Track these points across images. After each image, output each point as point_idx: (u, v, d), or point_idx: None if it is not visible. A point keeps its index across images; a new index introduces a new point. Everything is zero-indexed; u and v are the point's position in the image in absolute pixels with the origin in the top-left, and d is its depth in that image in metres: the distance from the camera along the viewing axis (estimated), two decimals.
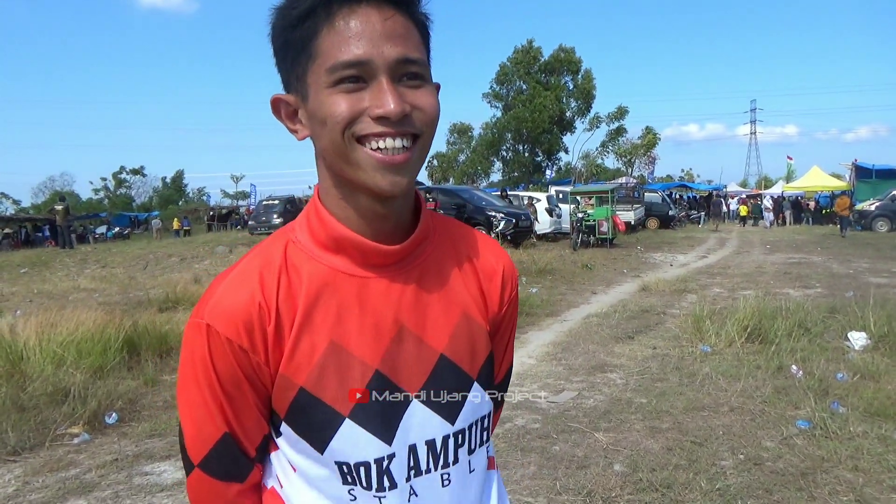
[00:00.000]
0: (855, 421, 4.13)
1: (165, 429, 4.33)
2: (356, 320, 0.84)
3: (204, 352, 0.80)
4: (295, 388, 0.83)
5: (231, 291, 0.82)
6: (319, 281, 0.84)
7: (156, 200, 73.73)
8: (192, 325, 0.82)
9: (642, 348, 6.36)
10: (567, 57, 43.18)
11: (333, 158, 0.81)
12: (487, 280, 0.97)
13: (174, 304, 9.10)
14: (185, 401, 0.84)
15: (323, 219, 0.86)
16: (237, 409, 0.83)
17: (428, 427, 0.89)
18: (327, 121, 0.77)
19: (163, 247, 21.41)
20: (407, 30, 0.79)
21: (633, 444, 3.92)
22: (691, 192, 44.45)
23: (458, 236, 0.98)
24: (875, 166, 31.14)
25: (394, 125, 0.77)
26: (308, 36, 0.78)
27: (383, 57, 0.76)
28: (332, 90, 0.77)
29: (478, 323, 0.93)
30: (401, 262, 0.88)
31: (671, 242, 21.17)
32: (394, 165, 0.78)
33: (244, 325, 0.80)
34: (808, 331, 6.49)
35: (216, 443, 0.84)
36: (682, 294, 9.94)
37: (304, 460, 0.86)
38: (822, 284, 10.75)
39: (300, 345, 0.82)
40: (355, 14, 0.76)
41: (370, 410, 0.85)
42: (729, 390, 4.86)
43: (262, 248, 0.87)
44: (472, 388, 0.92)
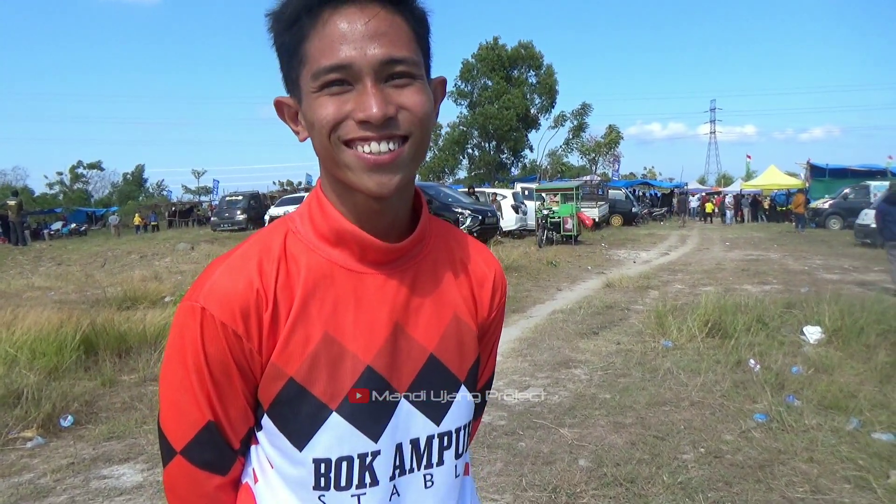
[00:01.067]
0: (809, 413, 4.25)
1: (124, 431, 4.22)
2: (351, 315, 0.84)
3: (195, 335, 0.79)
4: (285, 377, 0.82)
5: (229, 276, 0.81)
6: (317, 273, 0.84)
7: (115, 196, 71.93)
8: (185, 307, 0.81)
9: (606, 344, 6.45)
10: (528, 52, 43.44)
11: (324, 160, 0.81)
12: (479, 285, 0.98)
13: (134, 302, 8.88)
14: (170, 384, 0.82)
15: (326, 211, 0.86)
16: (224, 397, 0.82)
17: (413, 426, 0.89)
18: (315, 125, 0.78)
19: (122, 244, 20.92)
20: (394, 27, 0.77)
21: (597, 440, 3.97)
22: (654, 189, 45.21)
23: (454, 240, 0.99)
24: (829, 165, 32.12)
25: (377, 129, 0.76)
26: (297, 40, 0.78)
27: (366, 59, 0.75)
28: (319, 94, 0.77)
29: (468, 326, 0.94)
30: (398, 260, 0.88)
31: (634, 239, 21.50)
32: (380, 166, 0.77)
33: (240, 311, 0.79)
34: (765, 325, 6.65)
35: (200, 430, 0.82)
36: (645, 290, 10.10)
37: (280, 458, 0.85)
38: (778, 280, 11.04)
39: (295, 335, 0.81)
40: (339, 15, 0.76)
41: (359, 406, 0.84)
42: (690, 385, 4.95)
43: (262, 237, 0.86)
44: (459, 389, 0.93)
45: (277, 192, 46.59)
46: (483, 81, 43.86)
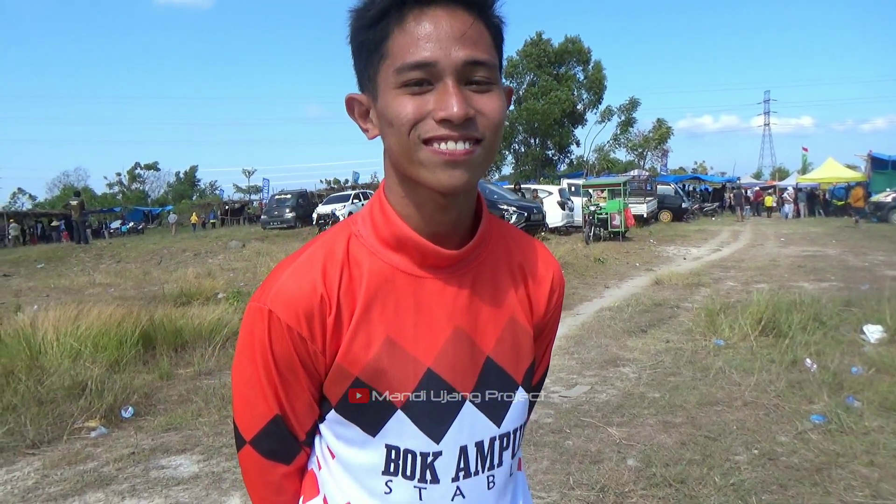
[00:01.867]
0: (870, 415, 4.10)
1: (181, 423, 4.37)
2: (412, 318, 0.87)
3: (263, 335, 0.84)
4: (350, 377, 0.85)
5: (294, 280, 0.84)
6: (379, 277, 0.86)
7: (170, 195, 74.21)
8: (254, 308, 0.85)
9: (655, 342, 6.34)
10: (576, 47, 42.90)
11: (399, 157, 0.82)
12: (536, 286, 0.99)
13: (188, 298, 9.17)
14: (241, 379, 0.88)
15: (388, 216, 0.88)
16: (290, 393, 0.87)
17: (477, 429, 0.91)
18: (394, 122, 0.79)
19: (176, 242, 21.58)
20: (477, 32, 0.79)
21: (646, 439, 3.92)
22: (705, 184, 44.11)
23: (513, 241, 1.00)
24: (891, 157, 30.71)
25: (456, 128, 0.77)
26: (381, 37, 0.79)
27: (450, 59, 0.76)
28: (399, 91, 0.78)
29: (524, 327, 0.96)
30: (457, 264, 0.90)
31: (684, 235, 21.04)
32: (454, 161, 0.78)
33: (305, 314, 0.83)
34: (822, 324, 6.43)
35: (268, 423, 0.88)
36: (696, 287, 9.89)
37: (346, 448, 0.89)
38: (837, 277, 10.65)
39: (357, 337, 0.85)
40: (425, 16, 0.78)
41: (422, 407, 0.87)
42: (742, 384, 4.83)
43: (327, 240, 0.89)
44: (517, 391, 0.95)
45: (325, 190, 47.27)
46: (529, 77, 43.56)
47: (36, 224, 38.84)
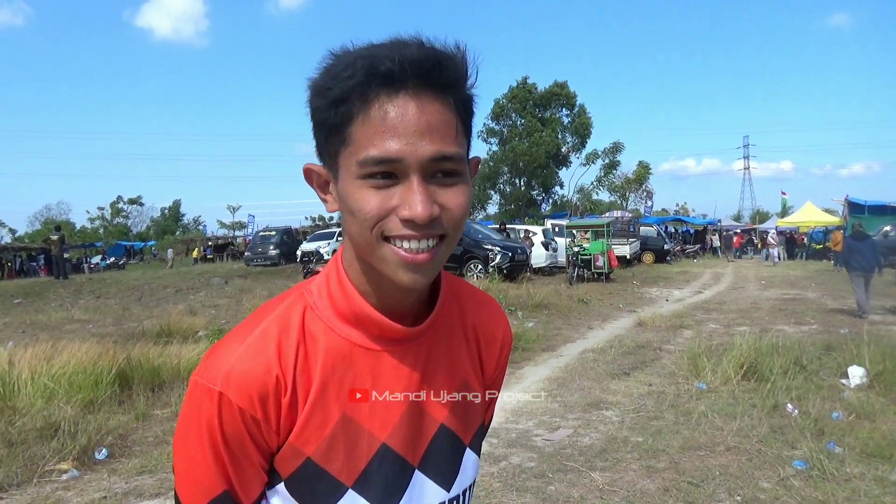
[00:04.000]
0: (851, 462, 4.10)
1: (156, 465, 4.27)
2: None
3: (212, 416, 0.79)
4: (302, 457, 0.83)
5: (248, 360, 0.80)
6: (336, 353, 0.84)
7: (153, 230, 73.77)
8: (202, 388, 0.80)
9: (638, 385, 6.34)
10: (563, 92, 43.78)
11: (359, 246, 0.80)
12: (487, 346, 0.99)
13: (169, 335, 9.05)
14: (186, 456, 0.83)
15: (346, 291, 0.85)
16: (239, 469, 0.83)
17: (427, 496, 0.90)
18: (356, 214, 0.76)
19: (158, 278, 21.34)
20: (446, 121, 0.75)
21: (629, 485, 3.88)
22: (686, 226, 44.67)
23: (466, 302, 0.99)
24: (867, 202, 31.32)
25: (419, 228, 0.75)
26: (343, 121, 0.75)
27: (416, 155, 0.73)
28: (362, 182, 0.75)
29: (475, 391, 0.96)
30: (414, 336, 0.88)
31: (667, 277, 21.21)
32: (416, 264, 0.76)
33: (259, 397, 0.79)
34: (803, 368, 6.48)
35: (214, 498, 0.83)
36: (678, 330, 9.94)
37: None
38: (816, 321, 10.77)
39: (313, 418, 0.82)
40: (392, 104, 0.73)
41: (374, 482, 0.85)
42: (725, 429, 4.83)
43: (281, 314, 0.85)
44: (465, 453, 0.94)
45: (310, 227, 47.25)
46: (514, 119, 44.29)
47: (14, 258, 38.29)
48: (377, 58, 0.73)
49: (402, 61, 0.72)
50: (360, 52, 0.75)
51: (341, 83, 0.74)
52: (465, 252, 16.81)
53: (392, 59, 0.72)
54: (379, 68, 0.72)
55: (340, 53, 0.77)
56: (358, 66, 0.73)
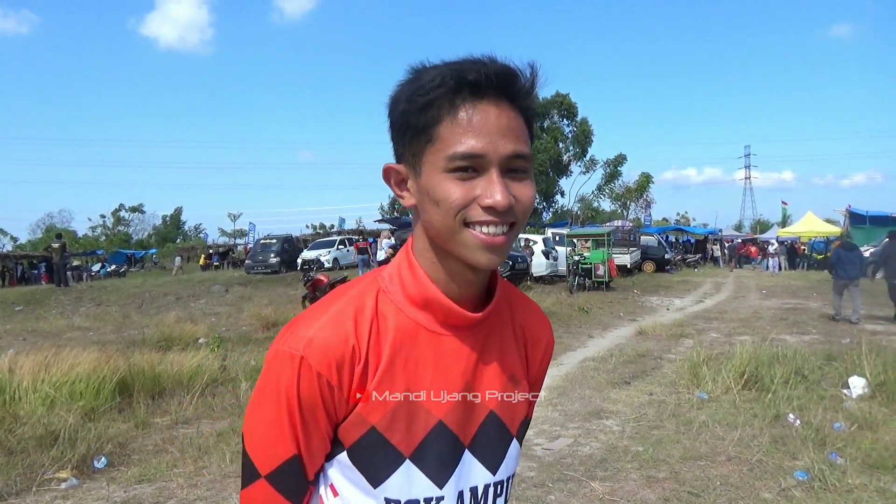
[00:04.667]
0: (853, 473, 4.09)
1: (155, 474, 4.26)
2: (430, 373, 0.94)
3: (292, 380, 0.88)
4: (367, 425, 0.91)
5: (328, 330, 0.89)
6: (404, 332, 0.93)
7: (154, 238, 73.82)
8: (284, 354, 0.89)
9: (639, 394, 6.32)
10: (565, 102, 43.89)
11: (439, 233, 0.89)
12: (532, 346, 1.08)
13: (169, 343, 9.04)
14: (261, 419, 0.91)
15: (417, 277, 0.94)
16: (309, 435, 0.91)
17: (475, 476, 0.98)
18: (440, 203, 0.86)
19: (158, 286, 21.36)
20: (519, 125, 0.87)
21: (629, 495, 3.87)
22: (687, 235, 44.66)
23: (515, 302, 1.09)
24: (869, 212, 31.36)
25: (499, 214, 0.85)
26: (430, 122, 0.86)
27: (497, 152, 0.84)
28: (447, 175, 0.85)
29: (522, 385, 1.04)
30: (473, 324, 0.97)
31: (667, 286, 21.20)
32: (493, 246, 0.86)
33: (336, 363, 0.88)
34: (804, 378, 6.47)
35: (284, 461, 0.91)
36: (679, 339, 9.92)
37: (351, 489, 0.94)
38: (818, 331, 10.75)
39: (380, 388, 0.90)
40: (476, 109, 0.84)
41: (429, 455, 0.93)
42: (726, 439, 4.82)
43: (357, 294, 0.95)
44: (511, 443, 1.03)
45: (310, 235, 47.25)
46: None
47: (16, 266, 38.32)
48: (464, 70, 0.85)
49: (487, 73, 0.85)
50: (445, 66, 0.87)
51: (432, 91, 0.85)
52: None
53: (478, 71, 0.84)
54: (466, 77, 0.84)
55: (422, 68, 0.88)
56: (447, 77, 0.85)
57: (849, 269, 12.33)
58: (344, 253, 29.61)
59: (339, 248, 29.76)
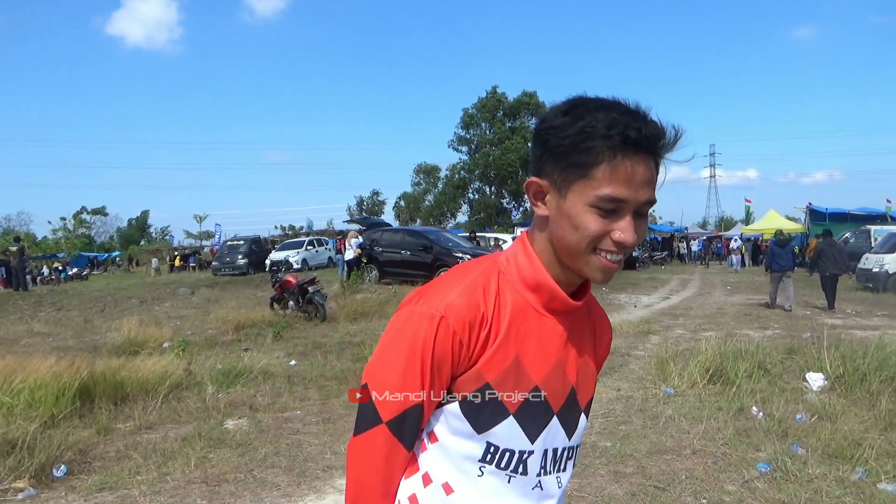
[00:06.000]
0: (814, 463, 4.18)
1: (117, 481, 4.15)
2: (534, 346, 1.11)
3: (430, 335, 1.03)
4: (483, 381, 1.07)
5: (465, 297, 1.06)
6: (518, 308, 1.10)
7: (117, 240, 72.28)
8: (424, 314, 1.05)
9: (607, 390, 6.38)
10: (532, 101, 44.18)
11: (568, 249, 1.05)
12: (599, 339, 1.29)
13: (133, 348, 8.85)
14: (393, 368, 1.05)
15: (534, 265, 1.11)
16: (433, 385, 1.06)
17: (558, 438, 1.16)
18: (579, 230, 1.02)
19: (121, 289, 20.92)
20: (654, 176, 1.03)
21: (597, 490, 3.90)
22: (654, 233, 45.34)
23: (591, 302, 1.27)
24: (828, 210, 32.21)
25: (623, 248, 1.03)
26: (589, 161, 0.99)
27: (637, 199, 1.00)
28: (591, 208, 1.00)
29: (592, 369, 1.24)
30: (568, 311, 1.15)
31: (635, 283, 21.45)
32: (611, 270, 1.05)
33: (469, 324, 1.04)
34: (767, 372, 6.60)
35: (409, 408, 1.05)
36: (646, 335, 10.05)
37: (451, 436, 1.10)
38: (780, 325, 11.00)
39: (498, 352, 1.07)
40: (630, 161, 0.99)
41: (528, 414, 1.11)
42: (691, 433, 4.89)
43: (483, 273, 1.12)
44: (581, 415, 1.21)
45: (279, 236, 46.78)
46: (484, 128, 44.55)
47: None
48: (629, 127, 0.97)
49: (647, 135, 0.98)
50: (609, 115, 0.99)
51: (599, 140, 0.98)
52: (435, 260, 16.79)
53: (639, 130, 0.98)
54: (630, 136, 0.97)
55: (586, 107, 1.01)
56: (613, 132, 0.97)
57: (782, 262, 13.58)
58: (313, 254, 29.38)
59: (308, 249, 29.52)
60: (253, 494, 3.95)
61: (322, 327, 11.21)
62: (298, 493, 3.97)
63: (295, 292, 12.31)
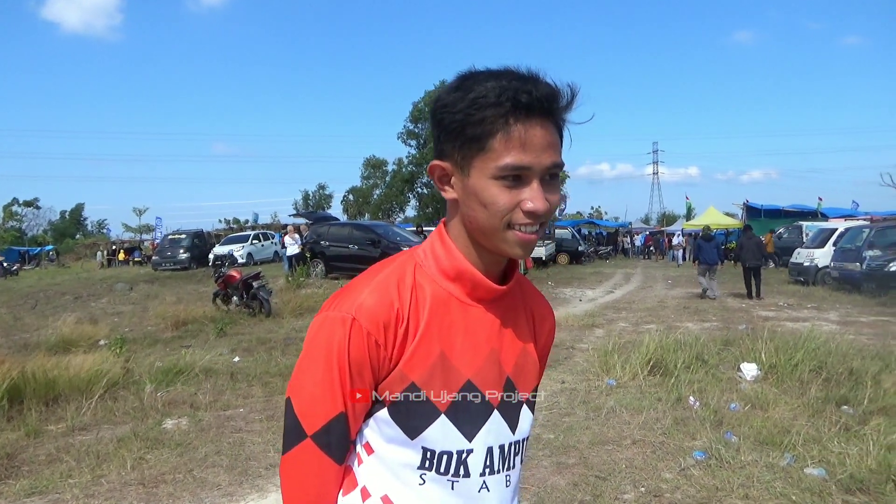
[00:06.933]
0: (746, 450, 4.35)
1: (47, 485, 3.99)
2: (460, 338, 1.05)
3: (343, 340, 0.98)
4: (407, 381, 1.01)
5: (376, 295, 1.01)
6: (438, 301, 1.05)
7: (50, 234, 69.25)
8: (336, 318, 1.00)
9: (552, 383, 6.48)
10: None
11: (482, 230, 1.01)
12: (540, 325, 1.23)
13: (67, 346, 8.50)
14: (310, 379, 1.01)
15: (452, 253, 1.07)
16: (354, 393, 1.00)
17: (500, 433, 1.10)
18: (489, 206, 0.98)
19: (55, 284, 20.08)
20: (556, 139, 1.00)
21: (540, 482, 3.96)
22: (599, 228, 46.26)
23: (526, 289, 1.24)
24: (764, 206, 33.57)
25: (536, 217, 0.98)
26: (483, 134, 0.96)
27: (540, 164, 0.97)
28: (495, 181, 0.97)
29: (532, 357, 1.18)
30: (496, 298, 1.10)
31: (581, 278, 21.86)
32: (528, 242, 1.01)
33: (383, 323, 0.99)
34: (705, 363, 6.83)
35: (331, 419, 1.00)
36: (591, 329, 10.25)
37: (386, 445, 1.04)
38: (717, 318, 11.38)
39: (419, 349, 1.02)
40: (526, 127, 0.95)
41: (461, 411, 1.05)
42: (632, 423, 5.02)
43: (397, 267, 1.07)
44: (523, 407, 1.15)
45: (223, 230, 45.71)
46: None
47: None
48: (518, 92, 0.94)
49: (538, 97, 0.95)
50: (498, 82, 0.96)
51: (488, 108, 0.95)
52: (383, 254, 16.69)
53: (529, 93, 0.95)
54: (521, 100, 0.94)
55: (474, 79, 0.98)
56: (503, 98, 0.94)
57: (707, 256, 14.91)
58: (258, 248, 28.84)
59: (254, 243, 28.96)
60: (192, 495, 3.85)
61: (267, 323, 11.03)
62: (240, 493, 3.90)
63: (239, 287, 12.06)
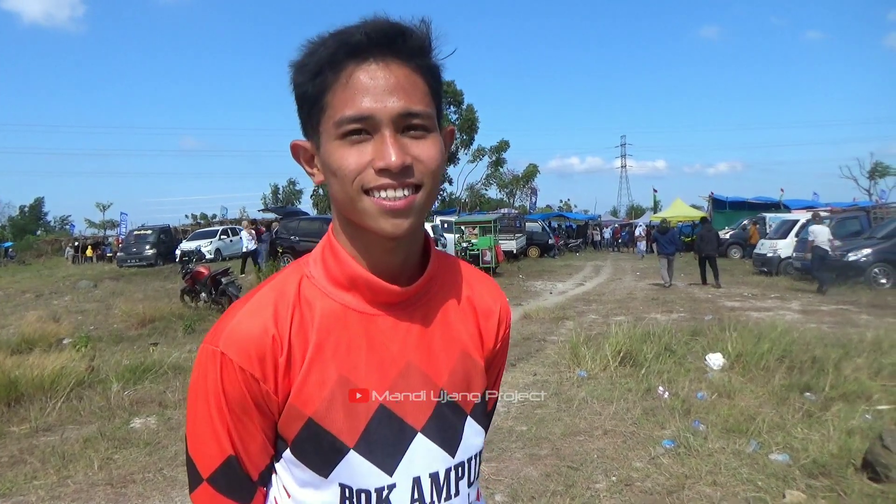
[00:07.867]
0: (713, 438, 4.44)
1: (11, 488, 3.89)
2: (364, 356, 0.89)
3: (216, 377, 0.84)
4: (304, 417, 0.86)
5: (246, 322, 0.86)
6: (331, 317, 0.89)
7: (9, 230, 67.38)
8: (207, 351, 0.86)
9: (524, 375, 6.53)
10: (450, 89, 44.27)
11: (343, 205, 0.86)
12: (485, 319, 1.03)
13: (29, 345, 8.29)
14: (195, 419, 0.88)
15: (338, 257, 0.91)
16: (243, 434, 0.87)
17: (431, 460, 0.92)
18: (336, 172, 0.83)
19: (15, 282, 19.55)
20: (412, 82, 0.83)
21: (513, 473, 3.99)
22: (569, 221, 46.68)
23: (461, 276, 1.04)
24: (729, 198, 34.22)
25: (395, 177, 0.81)
26: (320, 90, 0.83)
27: (386, 111, 0.80)
28: (340, 142, 0.82)
29: (474, 361, 0.99)
30: (408, 301, 0.93)
31: (551, 271, 22.04)
32: (395, 210, 0.82)
33: (257, 355, 0.84)
34: (673, 353, 6.94)
35: (221, 463, 0.87)
36: (561, 321, 10.34)
37: (301, 489, 0.89)
38: (685, 309, 11.58)
39: (311, 377, 0.86)
40: (361, 70, 0.81)
41: (375, 442, 0.88)
42: (603, 414, 5.08)
43: (278, 282, 0.91)
44: (465, 422, 0.97)
45: (191, 225, 44.99)
46: None
47: None
48: (347, 32, 0.82)
49: (369, 32, 0.81)
50: (335, 36, 0.83)
51: (316, 57, 0.83)
52: None
53: (360, 31, 0.81)
54: (348, 40, 0.81)
55: (316, 43, 0.85)
56: (330, 41, 0.82)
57: (665, 247, 16.22)
58: (227, 243, 28.44)
59: (222, 239, 28.54)
60: (162, 494, 3.79)
61: None
62: None
63: (207, 284, 11.88)
